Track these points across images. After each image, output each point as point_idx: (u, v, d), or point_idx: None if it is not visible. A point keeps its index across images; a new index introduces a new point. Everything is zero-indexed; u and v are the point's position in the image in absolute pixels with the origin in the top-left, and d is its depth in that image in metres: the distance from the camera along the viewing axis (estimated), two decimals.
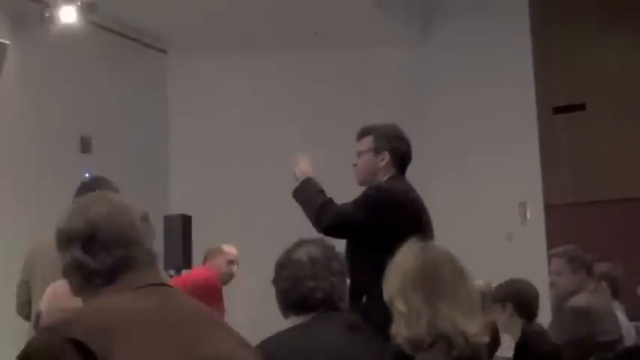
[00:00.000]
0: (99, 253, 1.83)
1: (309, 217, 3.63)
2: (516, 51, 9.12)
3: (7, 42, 7.01)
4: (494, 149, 9.08)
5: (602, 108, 8.95)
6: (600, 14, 9.06)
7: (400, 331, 2.33)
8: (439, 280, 2.36)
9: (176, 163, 8.79)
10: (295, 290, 2.54)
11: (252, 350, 1.89)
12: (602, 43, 9.05)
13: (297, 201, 3.73)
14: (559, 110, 9.16)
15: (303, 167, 3.81)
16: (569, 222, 8.70)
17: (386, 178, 3.75)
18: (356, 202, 3.61)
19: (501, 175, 8.95)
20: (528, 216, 9.02)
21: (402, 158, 3.80)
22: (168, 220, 7.28)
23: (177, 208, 7.79)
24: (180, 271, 7.13)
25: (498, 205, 8.94)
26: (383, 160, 3.76)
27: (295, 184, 3.79)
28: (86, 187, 4.19)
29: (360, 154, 3.83)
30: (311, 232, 3.14)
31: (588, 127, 8.98)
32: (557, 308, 4.54)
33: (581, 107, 9.06)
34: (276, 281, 2.65)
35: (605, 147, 8.84)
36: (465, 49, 9.39)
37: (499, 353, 6.07)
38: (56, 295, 3.02)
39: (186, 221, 7.25)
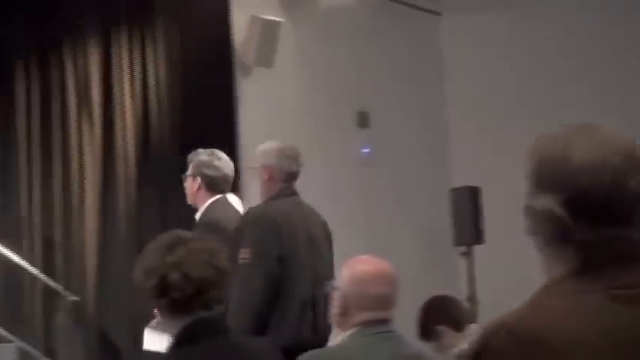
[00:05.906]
0: (583, 218, 1.33)
1: None
2: None
3: (280, 19, 7.37)
4: None
5: None
6: None
7: None
8: None
9: (455, 131, 8.71)
10: None
11: None
12: None
13: None
14: None
15: None
16: None
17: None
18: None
19: None
20: None
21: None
22: (455, 193, 7.42)
23: (461, 179, 7.79)
24: (470, 248, 7.22)
25: None
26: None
27: None
28: None
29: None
30: None
31: None
32: None
33: None
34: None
35: None
36: None
37: None
38: None
39: (474, 193, 7.33)
